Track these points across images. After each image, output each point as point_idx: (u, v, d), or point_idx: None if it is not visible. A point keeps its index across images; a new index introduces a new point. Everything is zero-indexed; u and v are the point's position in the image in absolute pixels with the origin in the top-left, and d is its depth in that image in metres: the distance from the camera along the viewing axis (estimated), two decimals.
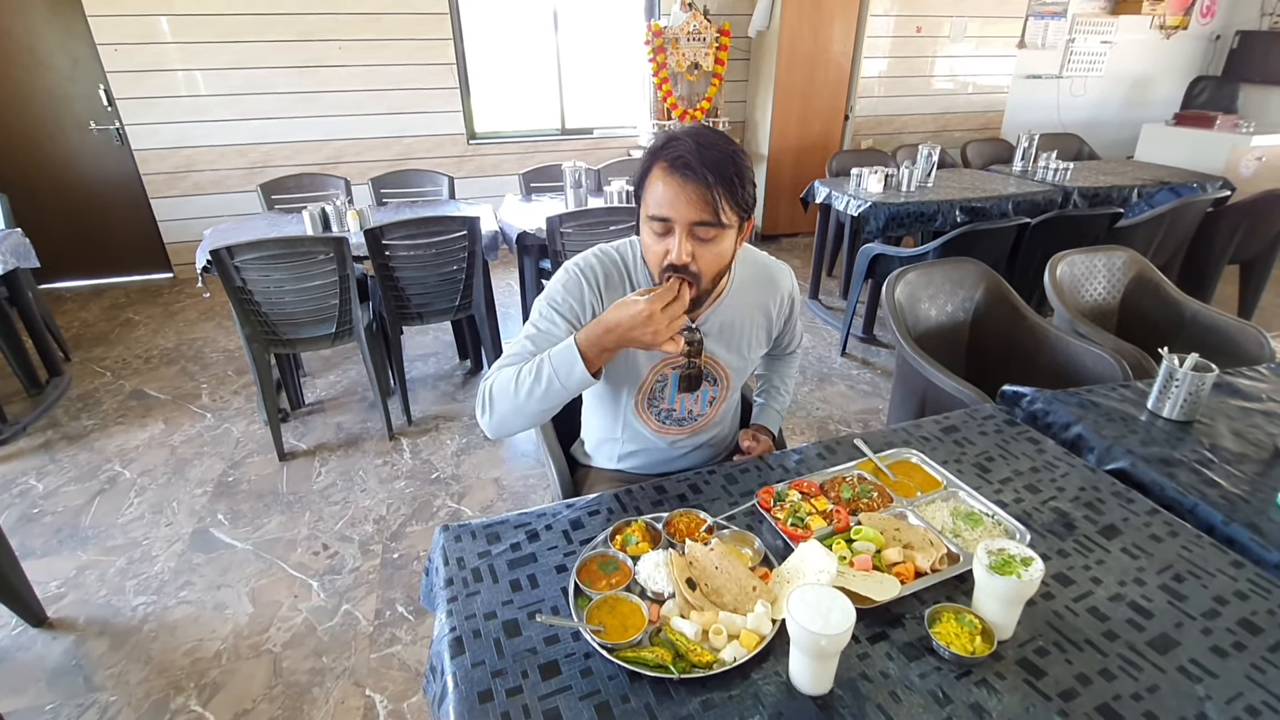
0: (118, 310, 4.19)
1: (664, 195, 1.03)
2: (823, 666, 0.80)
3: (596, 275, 1.19)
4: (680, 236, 1.04)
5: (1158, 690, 0.81)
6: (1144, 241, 3.14)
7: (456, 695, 0.82)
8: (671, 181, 1.02)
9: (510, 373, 1.09)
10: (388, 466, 2.60)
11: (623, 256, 1.23)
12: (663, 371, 1.25)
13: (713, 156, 1.01)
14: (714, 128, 1.08)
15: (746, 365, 1.33)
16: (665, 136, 1.06)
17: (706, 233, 1.05)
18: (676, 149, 1.02)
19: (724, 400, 1.33)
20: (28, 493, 2.46)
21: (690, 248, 1.04)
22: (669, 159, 1.03)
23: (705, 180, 1.01)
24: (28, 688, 1.71)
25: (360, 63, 4.44)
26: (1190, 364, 1.33)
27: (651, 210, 1.06)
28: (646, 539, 1.04)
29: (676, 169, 1.02)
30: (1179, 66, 6.47)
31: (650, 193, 1.06)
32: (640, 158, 1.09)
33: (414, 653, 1.80)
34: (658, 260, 1.08)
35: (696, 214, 1.02)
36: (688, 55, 4.91)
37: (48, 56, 4.04)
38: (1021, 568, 0.85)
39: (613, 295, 1.19)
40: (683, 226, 1.04)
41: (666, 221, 1.04)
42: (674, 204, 1.03)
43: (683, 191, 1.02)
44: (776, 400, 1.50)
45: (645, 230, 1.10)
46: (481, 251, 2.79)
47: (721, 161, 1.02)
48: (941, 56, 5.54)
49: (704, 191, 1.01)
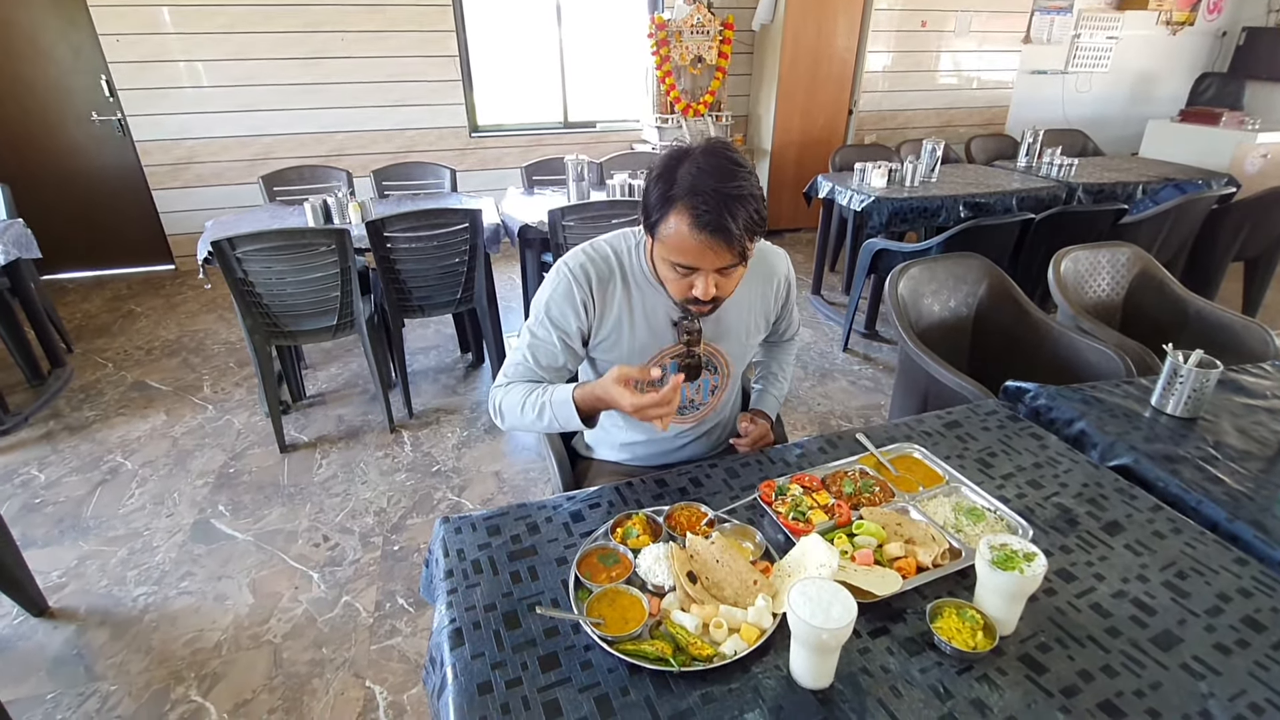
0: (120, 302, 4.19)
1: (689, 248, 1.01)
2: (823, 661, 0.80)
3: (589, 275, 1.18)
4: (706, 277, 1.05)
5: (1160, 687, 0.81)
6: (1148, 238, 3.13)
7: (456, 687, 0.82)
8: (699, 236, 0.99)
9: (517, 397, 1.17)
10: (389, 459, 2.60)
11: (616, 251, 1.21)
12: (662, 362, 1.25)
13: (735, 202, 0.98)
14: (725, 147, 1.03)
15: (746, 352, 1.33)
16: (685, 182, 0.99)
17: (730, 271, 1.06)
18: (702, 205, 0.98)
19: (725, 389, 1.33)
20: (30, 483, 2.47)
21: (715, 281, 1.06)
22: (694, 214, 0.98)
23: (732, 234, 0.99)
24: (29, 677, 1.71)
25: (363, 54, 4.42)
26: (1195, 360, 1.32)
27: (675, 257, 1.04)
28: (647, 532, 1.04)
29: (703, 227, 0.98)
30: (1185, 63, 6.44)
31: (671, 237, 1.02)
32: (653, 181, 1.04)
33: (414, 644, 1.80)
34: (682, 293, 1.10)
35: (724, 261, 1.03)
36: (691, 49, 4.89)
37: (49, 47, 4.03)
38: (1024, 563, 0.84)
39: (604, 292, 1.19)
40: (707, 274, 1.05)
41: (691, 269, 1.05)
42: (702, 257, 1.02)
43: (711, 247, 1.00)
44: (774, 386, 1.50)
45: (664, 267, 1.09)
46: (483, 244, 2.79)
47: (744, 204, 0.99)
48: (946, 51, 5.52)
49: (732, 245, 1.00)
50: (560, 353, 1.21)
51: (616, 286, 1.20)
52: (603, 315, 1.20)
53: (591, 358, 1.29)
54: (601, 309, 1.20)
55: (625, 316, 1.21)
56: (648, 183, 1.06)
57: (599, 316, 1.20)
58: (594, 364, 1.31)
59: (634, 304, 1.20)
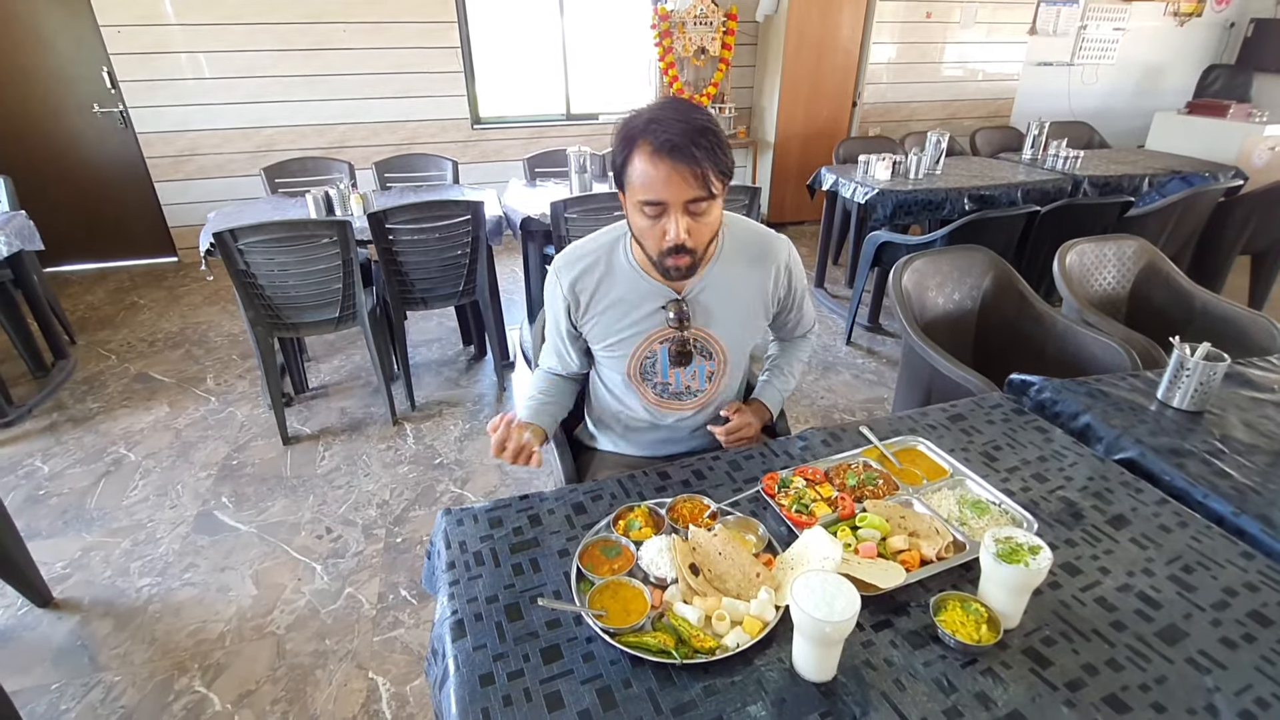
0: (123, 294, 4.19)
1: (654, 178, 1.02)
2: (826, 653, 0.79)
3: (571, 270, 1.23)
4: (676, 216, 1.05)
5: (1166, 681, 0.80)
6: (1155, 231, 3.10)
7: (458, 678, 0.82)
8: (661, 164, 1.01)
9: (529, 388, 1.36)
10: (391, 451, 2.61)
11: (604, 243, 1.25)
12: (652, 346, 1.25)
13: (695, 131, 1.01)
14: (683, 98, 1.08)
15: (744, 338, 1.31)
16: (641, 118, 1.04)
17: (699, 207, 1.06)
18: (660, 131, 1.01)
19: (724, 375, 1.32)
20: (33, 474, 2.48)
21: (686, 224, 1.05)
22: (654, 142, 1.01)
23: (694, 157, 1.00)
24: (33, 667, 1.72)
25: (364, 46, 4.41)
26: (1201, 353, 1.31)
27: (642, 195, 1.05)
28: (650, 524, 1.04)
29: (664, 151, 1.01)
30: (1192, 54, 6.38)
31: (637, 177, 1.05)
32: (615, 137, 1.08)
33: (417, 636, 1.80)
34: (657, 242, 1.09)
35: (690, 192, 1.03)
36: (694, 40, 4.87)
37: (51, 38, 4.01)
38: (1029, 556, 0.84)
39: (590, 282, 1.23)
40: (677, 206, 1.04)
41: (660, 204, 1.05)
42: (667, 186, 1.02)
43: (674, 173, 1.01)
44: (778, 379, 1.48)
45: (636, 215, 1.09)
46: (485, 236, 2.78)
47: (704, 134, 1.01)
48: (951, 43, 5.47)
49: (694, 169, 1.01)
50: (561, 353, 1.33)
51: (603, 276, 1.23)
52: (589, 305, 1.24)
53: (588, 348, 1.32)
54: (588, 300, 1.24)
55: (612, 304, 1.23)
56: (612, 143, 1.09)
57: (585, 308, 1.24)
58: (592, 354, 1.33)
59: (622, 292, 1.23)
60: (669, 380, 1.29)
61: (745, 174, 5.64)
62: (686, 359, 1.24)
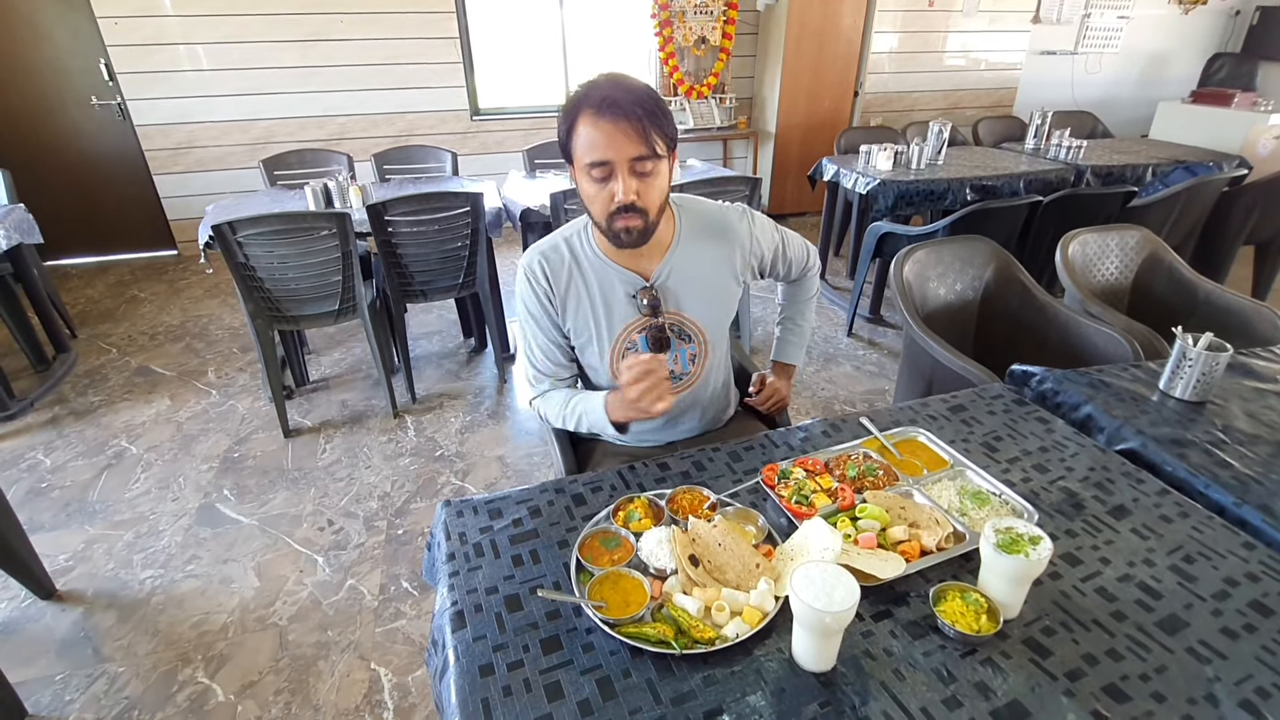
0: (123, 287, 4.19)
1: (598, 139, 1.04)
2: (826, 643, 0.79)
3: (542, 268, 1.23)
4: (623, 176, 1.06)
5: (1166, 671, 0.80)
6: (1158, 221, 3.09)
7: (458, 669, 0.82)
8: (603, 124, 1.03)
9: (556, 408, 1.28)
10: (392, 444, 2.61)
11: (565, 239, 1.25)
12: (630, 337, 1.26)
13: (633, 93, 1.04)
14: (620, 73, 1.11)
15: (720, 316, 1.32)
16: (582, 89, 1.07)
17: (644, 166, 1.07)
18: (598, 93, 1.04)
19: (706, 356, 1.32)
20: (36, 467, 2.48)
21: (634, 185, 1.06)
22: (594, 104, 1.03)
23: (635, 114, 1.03)
24: (38, 658, 1.73)
25: (363, 36, 4.38)
26: (1204, 344, 1.31)
27: (588, 158, 1.06)
28: (649, 515, 1.03)
29: (605, 111, 1.03)
30: (1197, 43, 6.33)
31: (582, 142, 1.06)
32: (560, 115, 1.10)
33: (418, 627, 1.81)
34: (605, 206, 1.09)
35: (634, 149, 1.04)
36: (695, 29, 4.84)
37: (48, 30, 4.00)
38: (1029, 546, 0.83)
39: (560, 280, 1.23)
40: (623, 165, 1.05)
41: (605, 165, 1.06)
42: (609, 144, 1.04)
43: (616, 130, 1.03)
44: (794, 333, 1.54)
45: (584, 181, 1.10)
46: (485, 228, 2.77)
47: (643, 96, 1.05)
48: (954, 32, 5.43)
49: (635, 125, 1.03)
50: (554, 353, 1.30)
51: (570, 272, 1.23)
52: (564, 303, 1.25)
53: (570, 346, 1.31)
54: (562, 297, 1.24)
55: (585, 299, 1.24)
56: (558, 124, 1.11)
57: (561, 306, 1.25)
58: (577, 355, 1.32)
59: (590, 285, 1.23)
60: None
61: (746, 165, 5.61)
62: (665, 344, 1.25)
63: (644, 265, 1.23)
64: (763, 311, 3.71)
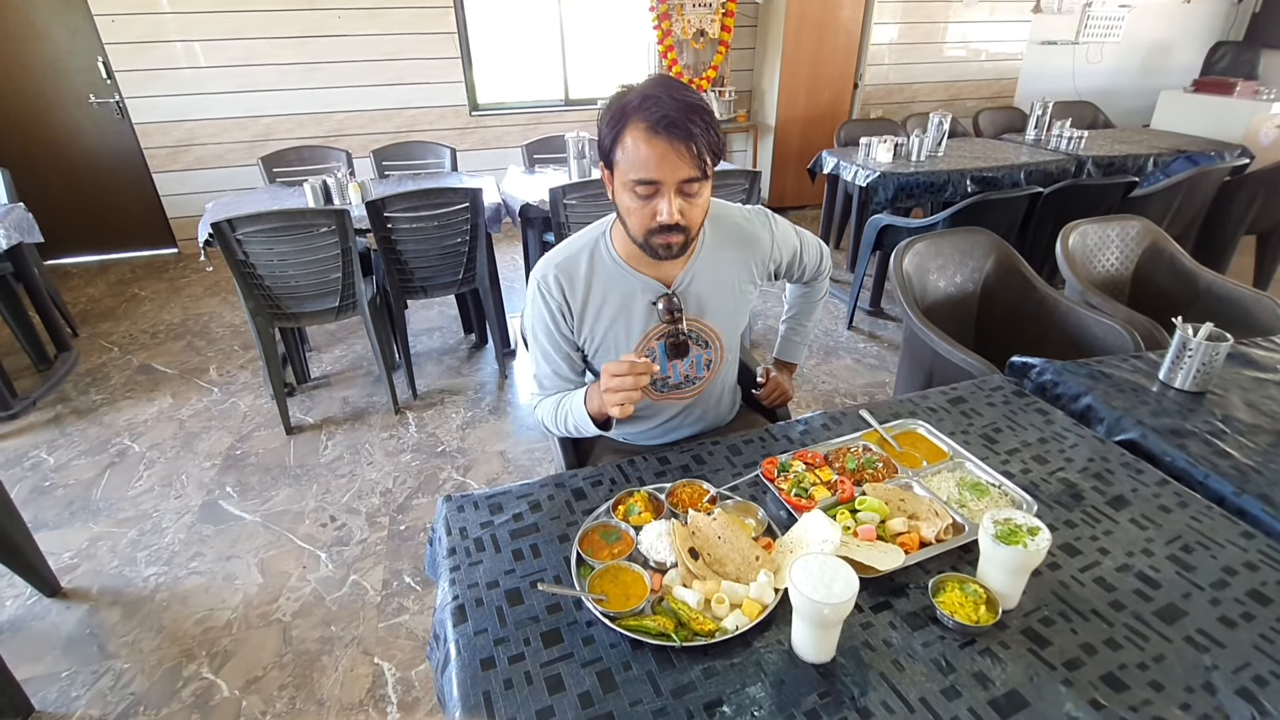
0: (124, 286, 4.19)
1: (649, 157, 1.00)
2: (825, 635, 0.80)
3: (557, 281, 1.19)
4: (670, 196, 1.03)
5: (1164, 660, 0.80)
6: (1159, 211, 3.08)
7: (459, 662, 0.82)
8: (657, 143, 0.99)
9: (549, 409, 1.26)
10: (394, 440, 2.61)
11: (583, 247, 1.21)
12: (649, 345, 1.24)
13: (689, 109, 0.99)
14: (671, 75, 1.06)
15: (737, 321, 1.31)
16: (634, 94, 1.02)
17: (692, 188, 1.04)
18: (655, 108, 0.98)
19: (721, 362, 1.31)
20: (39, 466, 2.49)
21: (679, 204, 1.03)
22: (649, 120, 0.99)
23: (689, 134, 0.99)
24: (44, 655, 1.74)
25: (360, 32, 4.37)
26: (1204, 334, 1.30)
27: (636, 175, 1.02)
28: (649, 509, 1.04)
29: (661, 129, 0.98)
30: (1199, 31, 6.29)
31: (629, 156, 1.02)
32: (604, 116, 1.05)
33: (421, 622, 1.82)
34: (646, 223, 1.06)
35: (686, 171, 1.01)
36: (693, 22, 4.81)
37: (45, 28, 3.99)
38: (1028, 537, 0.84)
39: (577, 290, 1.19)
40: (671, 186, 1.02)
41: (653, 185, 1.02)
42: (661, 165, 1.00)
43: (670, 151, 0.99)
44: (798, 333, 1.56)
45: (625, 195, 1.06)
46: (484, 224, 2.77)
47: (698, 111, 1.00)
48: (954, 22, 5.40)
49: (689, 146, 0.99)
50: (561, 369, 1.27)
51: (588, 280, 1.19)
52: (581, 313, 1.21)
53: (584, 357, 1.28)
54: (579, 308, 1.20)
55: (603, 307, 1.20)
56: (600, 123, 1.07)
57: (577, 316, 1.21)
58: (589, 365, 1.30)
59: (609, 293, 1.20)
60: (667, 374, 1.28)
61: (745, 158, 5.60)
62: (684, 350, 1.22)
63: (666, 272, 1.20)
64: (763, 305, 3.71)
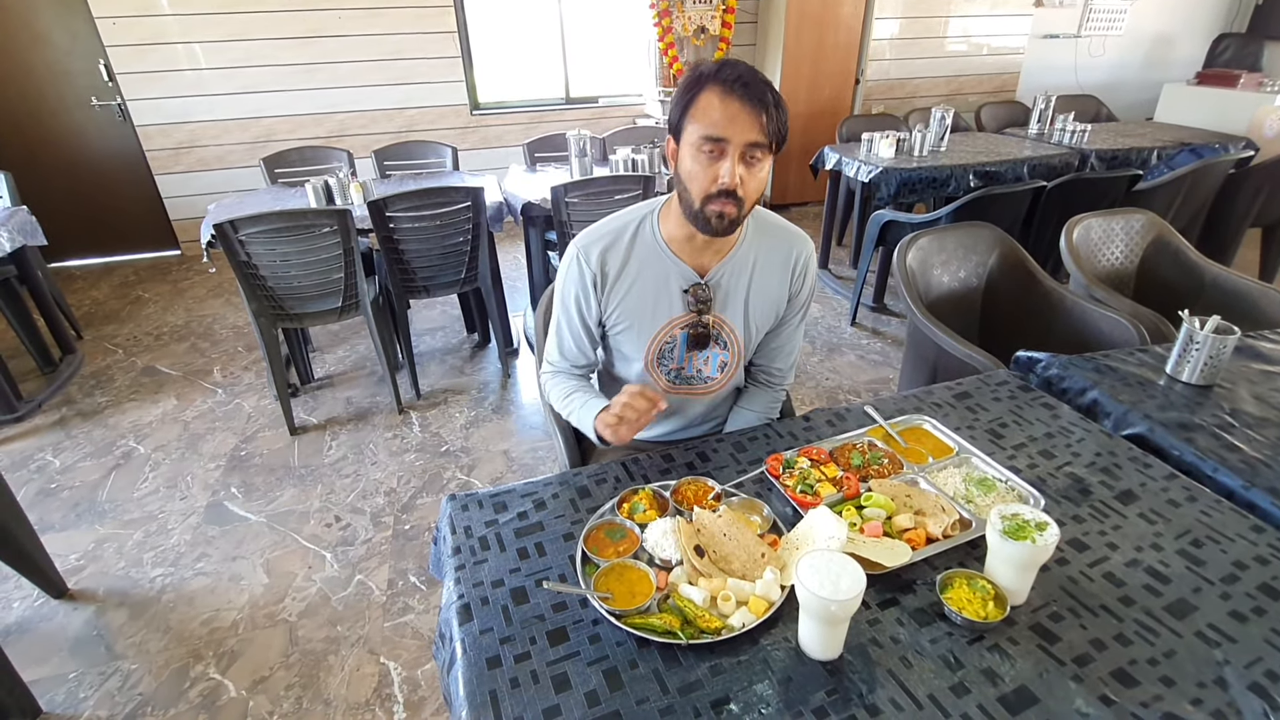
0: (127, 288, 4.20)
1: (721, 115, 1.03)
2: (832, 632, 0.79)
3: (596, 250, 1.21)
4: (733, 159, 1.04)
5: (1175, 655, 0.80)
6: (1163, 204, 3.06)
7: (465, 661, 0.82)
8: (731, 101, 1.02)
9: (561, 392, 1.28)
10: (397, 440, 2.61)
11: (629, 222, 1.22)
12: (672, 332, 1.24)
13: (763, 81, 1.04)
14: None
15: (750, 338, 1.30)
16: (711, 64, 1.06)
17: (756, 154, 1.06)
18: (731, 71, 1.03)
19: (734, 369, 1.31)
20: (45, 468, 2.50)
21: (741, 171, 1.05)
22: (725, 80, 1.03)
23: (762, 98, 1.02)
24: (51, 657, 1.74)
25: (360, 32, 4.36)
26: (1211, 327, 1.30)
27: (705, 131, 1.04)
28: (654, 507, 1.03)
29: (735, 89, 1.02)
30: (1202, 24, 6.25)
31: (701, 114, 1.05)
32: (680, 88, 1.09)
33: (427, 621, 1.82)
34: (706, 186, 1.07)
35: (753, 134, 1.03)
36: (694, 19, 4.80)
37: (46, 31, 3.99)
38: (1036, 533, 0.83)
39: (614, 261, 1.21)
40: (737, 148, 1.04)
41: (720, 142, 1.04)
42: (732, 123, 1.02)
43: (742, 111, 1.02)
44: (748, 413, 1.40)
45: (689, 157, 1.08)
46: (486, 223, 2.77)
47: (770, 88, 1.05)
48: (955, 17, 5.38)
49: (760, 110, 1.02)
50: (582, 343, 1.28)
51: (627, 255, 1.21)
52: (614, 285, 1.22)
53: (605, 331, 1.28)
54: (614, 279, 1.21)
55: (635, 283, 1.21)
56: (672, 100, 1.10)
57: (610, 287, 1.22)
58: (607, 340, 1.30)
59: (644, 271, 1.21)
60: (683, 364, 1.28)
61: None
62: (704, 341, 1.23)
63: (704, 262, 1.20)
64: None
